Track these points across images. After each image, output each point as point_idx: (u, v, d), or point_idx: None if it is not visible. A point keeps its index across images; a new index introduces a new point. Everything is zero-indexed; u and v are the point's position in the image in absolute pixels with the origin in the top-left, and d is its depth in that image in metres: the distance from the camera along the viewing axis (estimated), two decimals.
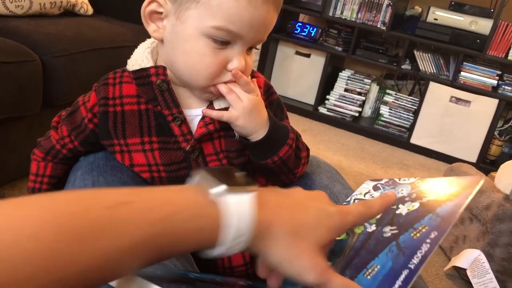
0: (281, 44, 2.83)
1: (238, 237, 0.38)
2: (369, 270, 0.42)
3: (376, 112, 2.78)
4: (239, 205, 0.39)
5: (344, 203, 0.59)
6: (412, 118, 2.57)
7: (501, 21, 2.26)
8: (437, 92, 2.45)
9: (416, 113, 2.52)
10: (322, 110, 2.74)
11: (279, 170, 0.68)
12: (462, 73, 2.40)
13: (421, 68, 2.53)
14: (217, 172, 0.41)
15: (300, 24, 2.75)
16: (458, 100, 2.41)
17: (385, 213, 0.50)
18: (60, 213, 0.32)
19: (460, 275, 1.43)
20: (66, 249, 0.30)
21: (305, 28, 2.74)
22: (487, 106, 2.35)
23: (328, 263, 0.42)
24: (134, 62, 0.65)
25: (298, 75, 2.83)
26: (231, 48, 0.59)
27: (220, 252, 0.39)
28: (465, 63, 2.40)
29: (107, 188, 0.37)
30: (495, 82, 2.36)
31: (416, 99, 2.59)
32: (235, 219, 0.38)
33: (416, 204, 0.49)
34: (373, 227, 0.49)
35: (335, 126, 2.71)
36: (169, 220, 0.36)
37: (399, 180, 0.58)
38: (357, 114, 2.72)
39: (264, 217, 0.40)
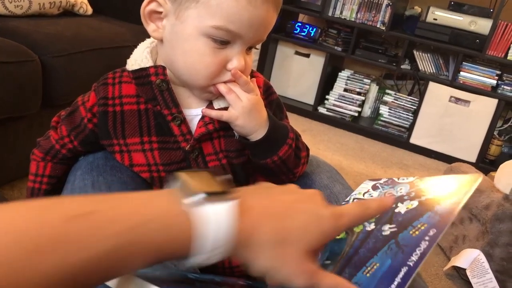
0: (281, 44, 2.83)
1: (217, 248, 0.37)
2: (368, 268, 0.42)
3: (376, 112, 2.78)
4: (217, 215, 0.37)
5: (343, 203, 0.59)
6: (412, 118, 2.58)
7: (501, 21, 2.27)
8: (437, 92, 2.45)
9: (416, 113, 2.52)
10: (322, 110, 2.74)
11: (279, 170, 0.68)
12: (462, 73, 2.40)
13: (421, 68, 2.53)
14: (199, 176, 0.39)
15: (300, 24, 2.75)
16: (458, 100, 2.42)
17: (384, 212, 0.50)
18: (20, 224, 0.31)
19: (460, 275, 1.43)
20: (26, 261, 0.30)
21: (305, 28, 2.74)
22: (487, 106, 2.36)
23: (319, 264, 0.41)
24: (134, 62, 0.65)
25: (298, 75, 2.83)
26: (231, 48, 0.59)
27: (197, 262, 0.38)
28: (465, 63, 2.40)
29: (73, 197, 0.36)
30: (495, 82, 2.36)
31: (416, 99, 2.59)
32: (212, 229, 0.36)
33: (415, 203, 0.49)
34: (372, 226, 0.49)
35: (335, 126, 2.71)
36: (136, 231, 0.35)
37: (398, 180, 0.58)
38: (357, 114, 2.72)
39: (246, 226, 0.38)
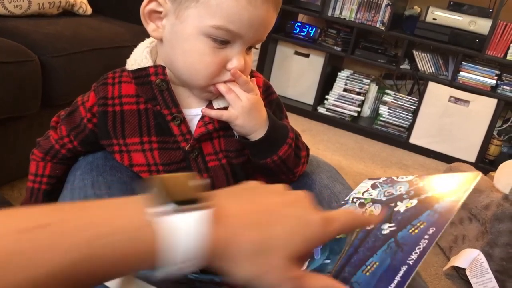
0: (280, 44, 2.83)
1: (188, 260, 0.35)
2: (368, 267, 0.42)
3: (375, 112, 2.78)
4: (187, 225, 0.34)
5: (343, 202, 0.59)
6: (411, 118, 2.58)
7: (500, 21, 2.27)
8: (436, 92, 2.45)
9: (415, 113, 2.52)
10: (321, 110, 2.74)
11: (279, 170, 0.68)
12: (461, 73, 2.40)
13: (420, 68, 2.53)
14: (173, 182, 0.37)
15: (299, 24, 2.75)
16: (457, 100, 2.42)
17: (383, 211, 0.50)
18: None
19: (460, 275, 1.43)
20: None
21: (304, 28, 2.74)
22: (486, 106, 2.36)
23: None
24: (133, 62, 0.65)
25: (297, 75, 2.83)
26: (231, 48, 0.59)
27: (167, 273, 0.35)
28: (464, 63, 2.40)
29: (29, 207, 0.34)
30: (494, 82, 2.36)
31: (415, 99, 2.59)
32: (181, 241, 0.34)
33: (414, 201, 0.49)
34: (372, 225, 0.49)
35: (334, 126, 2.71)
36: (96, 244, 0.32)
37: (397, 178, 0.58)
38: (356, 114, 2.72)
39: (222, 235, 0.36)
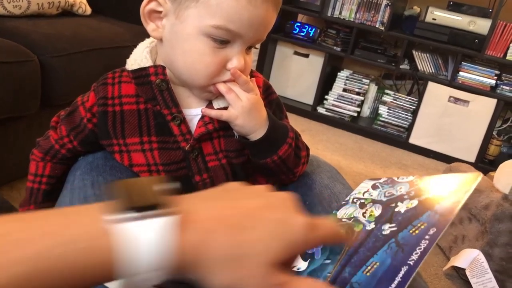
0: (280, 44, 2.83)
1: (152, 270, 0.32)
2: (369, 267, 0.42)
3: (375, 112, 2.78)
4: (149, 233, 0.32)
5: (343, 202, 0.59)
6: (411, 118, 2.58)
7: (500, 21, 2.27)
8: (436, 92, 2.45)
9: (415, 113, 2.52)
10: (321, 110, 2.74)
11: (279, 170, 0.68)
12: (461, 73, 2.40)
13: (420, 68, 2.53)
14: (136, 187, 0.35)
15: (299, 24, 2.76)
16: (457, 100, 2.42)
17: (384, 211, 0.50)
18: None
19: (459, 275, 1.43)
20: None
21: (304, 28, 2.74)
22: (486, 106, 2.36)
23: (295, 270, 0.40)
24: (133, 62, 0.65)
25: (297, 75, 2.83)
26: (231, 47, 0.59)
27: (130, 284, 0.33)
28: (464, 63, 2.40)
29: None
30: (494, 82, 2.36)
31: (415, 99, 2.60)
32: (143, 250, 0.32)
33: (415, 202, 0.49)
34: (372, 225, 0.49)
35: (334, 126, 2.71)
36: (47, 256, 0.30)
37: (398, 179, 0.58)
38: (356, 114, 2.72)
39: (191, 243, 0.34)
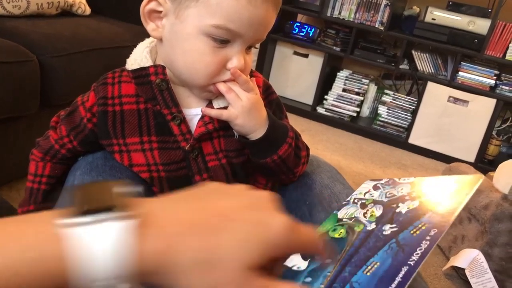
0: (279, 45, 2.83)
1: (111, 278, 0.30)
2: (369, 267, 0.42)
3: (374, 112, 2.78)
4: (104, 238, 0.30)
5: (344, 202, 0.59)
6: (410, 118, 2.58)
7: (499, 21, 2.27)
8: (435, 92, 2.45)
9: (414, 113, 2.52)
10: (320, 110, 2.74)
11: (279, 169, 0.67)
12: (460, 73, 2.40)
13: (419, 68, 2.53)
14: (96, 190, 0.33)
15: (298, 24, 2.75)
16: (456, 100, 2.42)
17: (385, 212, 0.50)
18: None
19: (459, 275, 1.43)
20: None
21: (303, 28, 2.74)
22: (485, 106, 2.36)
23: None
24: (133, 62, 0.65)
25: (296, 75, 2.83)
26: (231, 47, 0.59)
27: None
28: (463, 63, 2.40)
29: None
30: (493, 82, 2.36)
31: (414, 99, 2.60)
32: (97, 257, 0.30)
33: (416, 203, 0.49)
34: (373, 225, 0.49)
35: (333, 126, 2.71)
36: None
37: (399, 180, 0.58)
38: (355, 114, 2.72)
39: (156, 248, 0.32)
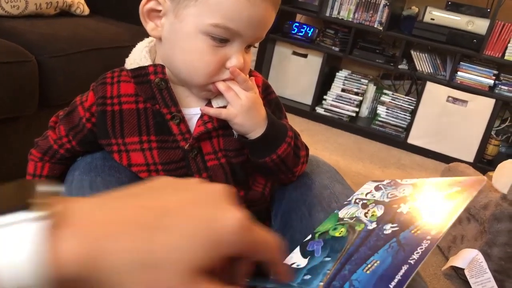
0: (278, 45, 2.83)
1: (29, 287, 0.27)
2: (369, 265, 0.42)
3: (373, 112, 2.78)
4: (11, 243, 0.27)
5: (345, 202, 0.59)
6: (409, 118, 2.58)
7: (498, 21, 2.27)
8: (434, 92, 2.45)
9: (413, 113, 2.53)
10: (319, 110, 2.74)
11: (278, 169, 0.67)
12: (459, 73, 2.41)
13: (418, 68, 2.53)
14: (14, 189, 0.30)
15: (297, 24, 2.76)
16: (455, 100, 2.42)
17: (386, 212, 0.50)
18: None
19: (458, 275, 1.43)
20: None
21: (302, 28, 2.74)
22: (484, 106, 2.36)
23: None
24: (132, 61, 0.64)
25: (295, 75, 2.83)
26: (230, 46, 0.59)
27: None
28: (462, 63, 2.40)
29: None
30: (492, 82, 2.37)
31: (413, 99, 2.60)
32: (3, 264, 0.27)
33: (417, 204, 0.49)
34: (374, 225, 0.49)
35: (332, 126, 2.71)
36: None
37: (401, 181, 0.58)
38: (354, 114, 2.72)
39: (75, 252, 0.29)
